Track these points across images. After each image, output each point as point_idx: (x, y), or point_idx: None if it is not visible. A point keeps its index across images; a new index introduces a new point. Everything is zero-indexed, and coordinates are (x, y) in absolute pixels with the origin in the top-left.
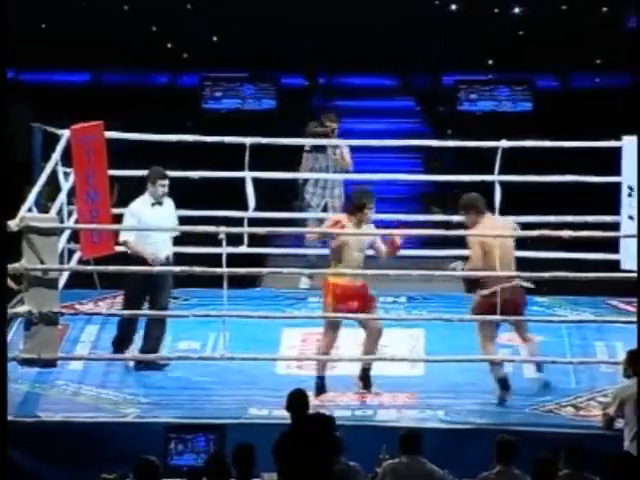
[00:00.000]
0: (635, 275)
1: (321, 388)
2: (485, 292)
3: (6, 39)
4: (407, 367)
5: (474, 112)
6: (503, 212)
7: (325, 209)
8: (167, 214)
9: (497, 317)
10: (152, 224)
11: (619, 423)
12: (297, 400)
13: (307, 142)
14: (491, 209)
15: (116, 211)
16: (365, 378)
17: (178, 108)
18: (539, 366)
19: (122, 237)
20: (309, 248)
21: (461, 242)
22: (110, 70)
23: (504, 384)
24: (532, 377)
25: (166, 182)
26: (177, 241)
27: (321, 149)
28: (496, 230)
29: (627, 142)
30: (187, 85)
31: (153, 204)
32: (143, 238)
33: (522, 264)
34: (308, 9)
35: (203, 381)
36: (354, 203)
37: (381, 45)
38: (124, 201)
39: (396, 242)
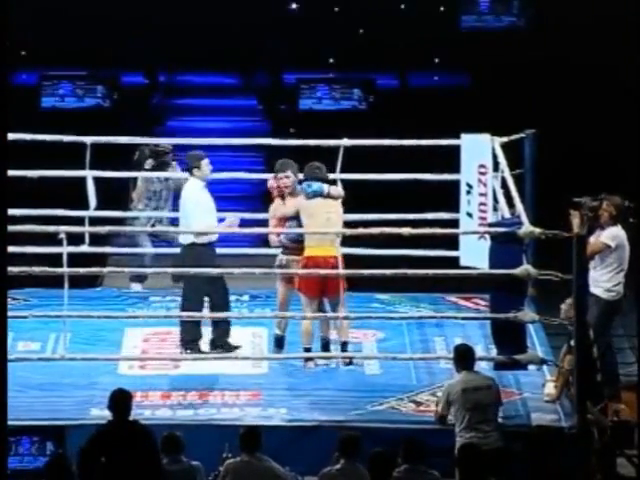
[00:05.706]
0: (474, 271)
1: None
2: None
3: (6, 39)
4: (250, 366)
5: (315, 110)
6: (345, 210)
7: (153, 225)
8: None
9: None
10: (213, 207)
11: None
12: (119, 400)
13: (145, 141)
14: None
15: None
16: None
17: (16, 106)
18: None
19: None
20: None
21: None
22: None
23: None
24: (374, 374)
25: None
26: (18, 241)
27: (158, 168)
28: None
29: (465, 140)
30: (25, 83)
31: (205, 186)
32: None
33: (364, 261)
34: (149, 7)
35: (43, 382)
36: None
37: (222, 43)
38: None
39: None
